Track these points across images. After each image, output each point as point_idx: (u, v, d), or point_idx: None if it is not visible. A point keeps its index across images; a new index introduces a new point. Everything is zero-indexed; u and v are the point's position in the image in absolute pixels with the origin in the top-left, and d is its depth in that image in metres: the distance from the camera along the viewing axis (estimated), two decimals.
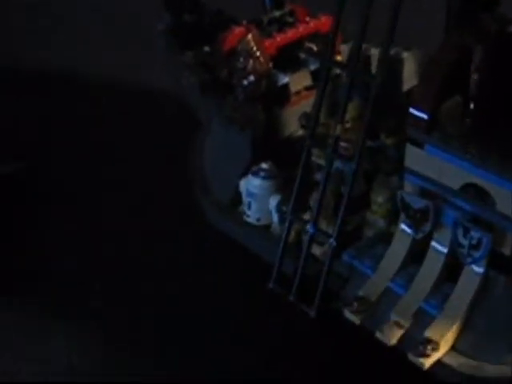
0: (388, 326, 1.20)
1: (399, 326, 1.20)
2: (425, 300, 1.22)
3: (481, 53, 1.15)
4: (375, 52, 1.40)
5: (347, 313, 1.24)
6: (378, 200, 1.31)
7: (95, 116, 1.96)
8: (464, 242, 1.18)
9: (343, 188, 1.30)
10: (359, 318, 1.23)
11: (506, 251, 1.16)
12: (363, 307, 1.23)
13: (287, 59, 1.48)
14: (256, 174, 1.41)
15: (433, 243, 1.23)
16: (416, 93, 1.26)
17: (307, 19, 1.52)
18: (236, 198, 1.45)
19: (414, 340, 1.18)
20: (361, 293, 1.25)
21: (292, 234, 1.34)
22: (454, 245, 1.19)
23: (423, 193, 1.22)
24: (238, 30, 1.45)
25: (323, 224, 1.32)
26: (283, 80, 1.46)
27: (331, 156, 1.27)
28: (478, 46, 1.15)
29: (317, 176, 1.35)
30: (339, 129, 1.26)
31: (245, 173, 1.43)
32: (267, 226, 1.42)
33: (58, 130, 1.92)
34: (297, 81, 1.47)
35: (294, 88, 1.47)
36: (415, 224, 1.23)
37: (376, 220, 1.32)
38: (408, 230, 1.25)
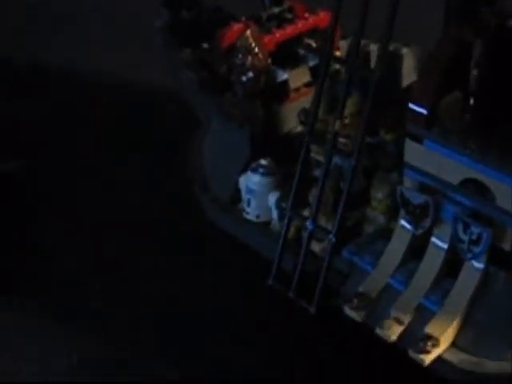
0: (388, 323, 1.20)
1: (399, 323, 1.20)
2: (425, 296, 1.21)
3: (480, 47, 1.15)
4: (374, 48, 1.40)
5: (347, 309, 1.24)
6: (378, 196, 1.31)
7: (95, 116, 1.96)
8: (464, 238, 1.17)
9: (342, 184, 1.30)
10: (359, 315, 1.23)
11: (506, 246, 1.16)
12: (363, 303, 1.23)
13: (286, 55, 1.48)
14: (255, 171, 1.41)
15: (433, 239, 1.22)
16: (415, 88, 1.25)
17: (306, 15, 1.52)
18: (235, 195, 1.45)
19: (415, 336, 1.18)
20: (361, 289, 1.25)
21: (291, 231, 1.34)
22: (454, 240, 1.19)
23: (423, 188, 1.21)
24: (237, 27, 1.45)
25: (322, 220, 1.31)
26: (282, 76, 1.46)
27: (330, 152, 1.27)
28: (478, 41, 1.15)
29: (316, 172, 1.35)
30: (338, 124, 1.26)
31: (244, 169, 1.43)
32: (267, 223, 1.42)
33: (58, 130, 1.92)
34: (296, 77, 1.47)
35: (293, 84, 1.46)
36: (415, 220, 1.22)
37: (376, 216, 1.32)
38: (408, 226, 1.24)
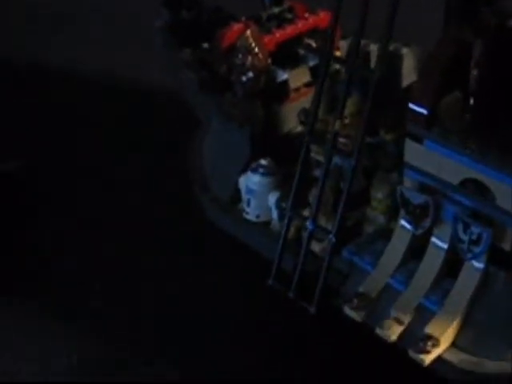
0: (388, 323, 1.20)
1: (399, 323, 1.20)
2: (425, 296, 1.21)
3: (480, 47, 1.14)
4: (374, 48, 1.39)
5: (347, 309, 1.24)
6: (378, 196, 1.31)
7: (95, 116, 1.95)
8: (464, 238, 1.17)
9: (342, 184, 1.29)
10: (359, 315, 1.23)
11: (506, 246, 1.16)
12: (363, 304, 1.23)
13: (286, 55, 1.48)
14: (255, 171, 1.40)
15: (433, 239, 1.22)
16: (415, 88, 1.25)
17: (306, 15, 1.51)
18: (235, 195, 1.45)
19: (415, 336, 1.18)
20: (361, 289, 1.25)
21: (291, 231, 1.33)
22: (454, 240, 1.19)
23: (423, 188, 1.21)
24: (237, 27, 1.44)
25: (322, 220, 1.31)
26: (282, 76, 1.45)
27: (330, 152, 1.27)
28: (478, 41, 1.15)
29: (316, 172, 1.34)
30: (338, 124, 1.26)
31: (244, 169, 1.43)
32: (266, 223, 1.42)
33: (58, 130, 1.92)
34: (296, 77, 1.47)
35: (293, 84, 1.46)
36: (415, 220, 1.22)
37: (376, 216, 1.32)
38: (408, 226, 1.24)
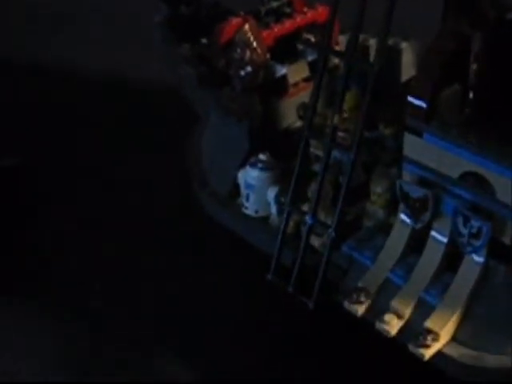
0: (388, 317, 1.19)
1: (399, 317, 1.19)
2: (425, 290, 1.21)
3: (479, 40, 1.14)
4: (373, 42, 1.39)
5: (347, 304, 1.23)
6: (377, 190, 1.30)
7: (95, 116, 1.95)
8: (464, 231, 1.17)
9: (342, 178, 1.29)
10: (359, 310, 1.22)
11: (507, 240, 1.15)
12: (363, 298, 1.23)
13: (285, 50, 1.48)
14: (254, 166, 1.40)
15: (432, 233, 1.22)
16: (415, 81, 1.25)
17: (305, 10, 1.52)
18: (234, 190, 1.45)
19: (414, 331, 1.17)
20: (360, 284, 1.24)
21: (290, 225, 1.33)
22: (454, 234, 1.19)
23: (422, 182, 1.21)
24: (235, 21, 1.44)
25: (322, 215, 1.31)
26: (281, 71, 1.45)
27: (329, 146, 1.27)
28: (477, 34, 1.14)
29: (315, 167, 1.34)
30: (337, 119, 1.25)
31: (243, 164, 1.43)
32: (265, 218, 1.41)
33: (58, 130, 1.91)
34: (294, 72, 1.47)
35: (292, 79, 1.46)
36: (414, 214, 1.22)
37: (375, 210, 1.31)
38: (407, 220, 1.24)
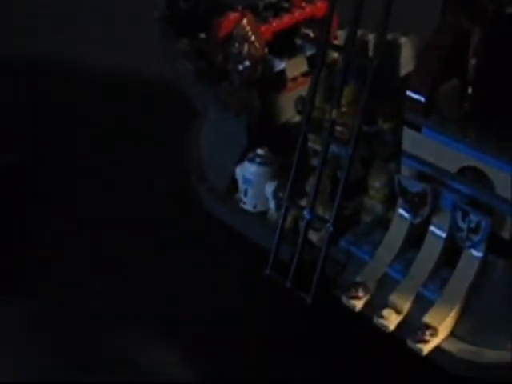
0: (386, 312, 1.19)
1: (397, 312, 1.19)
2: (423, 285, 1.20)
3: (478, 35, 1.14)
4: (372, 37, 1.39)
5: (345, 299, 1.23)
6: (376, 185, 1.30)
7: (95, 115, 1.95)
8: (463, 226, 1.17)
9: (340, 173, 1.29)
10: (357, 305, 1.22)
11: (505, 235, 1.15)
12: (361, 293, 1.22)
13: (283, 45, 1.47)
14: (252, 161, 1.40)
15: (431, 228, 1.22)
16: (413, 75, 1.24)
17: (303, 4, 1.51)
18: (232, 185, 1.45)
19: (413, 326, 1.17)
20: (358, 279, 1.24)
21: (288, 220, 1.33)
22: (453, 229, 1.18)
23: (421, 177, 1.21)
24: (233, 16, 1.44)
25: (320, 210, 1.31)
26: (279, 66, 1.45)
27: (327, 140, 1.26)
28: (476, 28, 1.14)
29: (313, 161, 1.34)
30: (335, 113, 1.25)
31: (241, 159, 1.43)
32: (264, 213, 1.41)
33: (58, 130, 1.91)
34: (293, 67, 1.46)
35: (291, 74, 1.46)
36: (413, 208, 1.22)
37: (373, 205, 1.31)
38: (406, 215, 1.24)
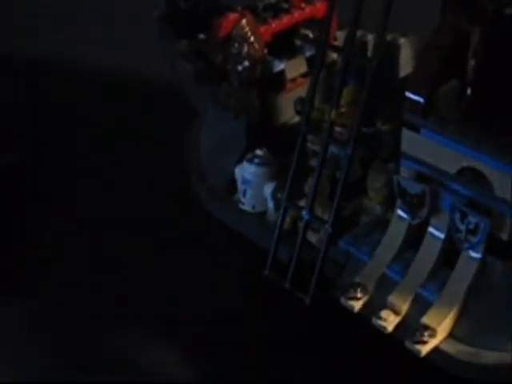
0: (385, 313, 1.19)
1: (396, 313, 1.19)
2: (422, 286, 1.20)
3: (477, 35, 1.14)
4: (372, 38, 1.39)
5: (343, 300, 1.23)
6: (375, 186, 1.30)
7: (95, 115, 1.95)
8: (461, 227, 1.17)
9: (339, 174, 1.28)
10: (356, 305, 1.22)
11: (504, 236, 1.15)
12: (360, 294, 1.22)
13: (282, 46, 1.47)
14: (251, 161, 1.40)
15: (430, 229, 1.22)
16: (412, 76, 1.24)
17: (302, 5, 1.51)
18: (231, 186, 1.45)
19: (411, 327, 1.17)
20: (357, 279, 1.24)
21: (287, 221, 1.33)
22: (452, 230, 1.18)
23: (420, 178, 1.21)
24: (233, 16, 1.44)
25: (319, 210, 1.30)
26: (279, 67, 1.45)
27: (326, 141, 1.26)
28: (476, 29, 1.14)
29: (312, 162, 1.34)
30: (334, 113, 1.25)
31: (240, 160, 1.43)
32: (262, 213, 1.41)
33: (58, 130, 1.91)
34: (292, 67, 1.46)
35: (290, 75, 1.46)
36: (412, 209, 1.22)
37: (372, 206, 1.31)
38: (405, 216, 1.24)
